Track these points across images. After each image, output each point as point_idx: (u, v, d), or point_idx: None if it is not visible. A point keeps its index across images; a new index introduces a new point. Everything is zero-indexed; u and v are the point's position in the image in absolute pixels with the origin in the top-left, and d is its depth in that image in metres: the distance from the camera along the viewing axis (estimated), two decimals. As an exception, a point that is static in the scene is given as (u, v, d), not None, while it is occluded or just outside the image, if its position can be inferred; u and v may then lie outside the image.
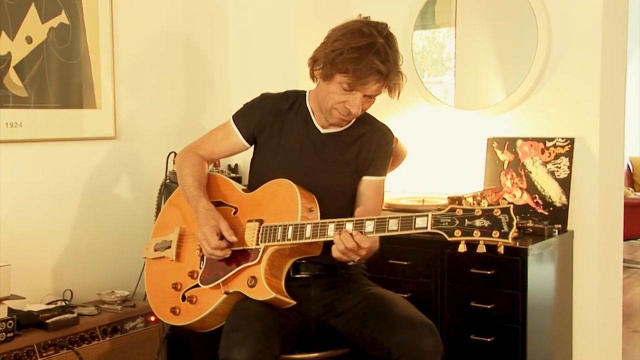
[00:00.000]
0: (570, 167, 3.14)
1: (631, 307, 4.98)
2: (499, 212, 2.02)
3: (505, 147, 3.29)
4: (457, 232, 2.05)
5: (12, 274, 2.57)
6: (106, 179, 3.20)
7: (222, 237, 2.35)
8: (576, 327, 3.26)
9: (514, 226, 2.00)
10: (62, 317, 2.71)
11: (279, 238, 2.31)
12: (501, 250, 2.04)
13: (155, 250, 2.59)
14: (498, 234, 2.00)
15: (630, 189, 7.10)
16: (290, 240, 2.29)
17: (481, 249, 2.03)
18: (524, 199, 3.23)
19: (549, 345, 3.08)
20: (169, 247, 2.55)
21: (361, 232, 2.18)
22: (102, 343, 2.78)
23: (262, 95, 2.59)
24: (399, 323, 2.27)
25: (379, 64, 2.26)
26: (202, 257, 2.46)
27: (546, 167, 3.19)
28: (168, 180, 3.11)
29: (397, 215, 2.16)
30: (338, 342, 2.49)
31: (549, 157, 3.19)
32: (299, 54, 3.45)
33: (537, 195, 3.21)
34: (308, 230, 2.26)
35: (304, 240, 2.28)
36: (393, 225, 2.14)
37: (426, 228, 2.08)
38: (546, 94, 3.26)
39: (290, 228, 2.29)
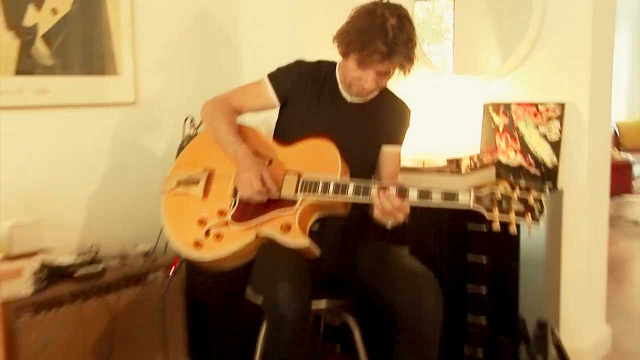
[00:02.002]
0: (561, 130, 3.15)
1: (615, 260, 5.02)
2: (533, 200, 2.10)
3: (501, 111, 3.30)
4: (495, 211, 2.12)
5: (43, 229, 2.59)
6: (127, 142, 3.21)
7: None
8: (564, 278, 3.29)
9: (544, 213, 2.08)
10: (89, 269, 2.73)
11: (319, 192, 2.34)
12: (530, 232, 2.13)
13: (179, 184, 2.58)
14: (530, 218, 2.09)
15: (616, 150, 7.11)
16: (330, 195, 2.32)
17: (513, 229, 2.11)
18: (518, 159, 3.25)
19: (540, 296, 3.09)
20: (196, 183, 2.55)
21: (404, 198, 2.22)
22: (126, 293, 2.79)
23: (297, 61, 2.62)
24: (402, 275, 2.32)
25: (382, 45, 2.27)
26: (233, 198, 2.47)
27: (538, 129, 3.20)
28: (185, 143, 3.12)
29: (440, 188, 2.20)
30: (344, 292, 2.53)
31: (541, 120, 3.20)
32: (305, 22, 3.47)
33: (529, 156, 3.23)
34: (350, 189, 2.30)
35: (344, 199, 2.32)
36: (437, 196, 2.19)
37: (469, 204, 2.16)
38: (539, 62, 3.26)
39: (332, 184, 2.33)
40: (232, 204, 2.46)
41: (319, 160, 2.42)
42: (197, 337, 3.10)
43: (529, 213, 2.08)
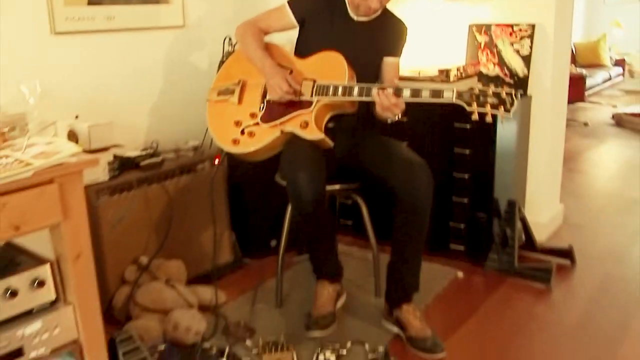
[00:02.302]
0: (531, 47, 3.11)
1: (569, 153, 5.04)
2: (505, 94, 2.07)
3: (483, 30, 3.25)
4: (474, 105, 2.10)
5: (114, 129, 2.61)
6: (178, 58, 3.18)
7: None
8: (530, 167, 3.31)
9: (515, 105, 2.05)
10: (151, 160, 2.76)
11: (330, 94, 2.34)
12: (503, 121, 2.09)
13: (219, 94, 2.60)
14: (503, 109, 2.06)
15: (573, 65, 7.02)
16: (340, 96, 2.32)
17: (489, 118, 2.09)
18: (496, 70, 3.21)
19: (510, 181, 3.12)
20: (232, 93, 2.55)
21: (399, 96, 2.21)
22: (181, 179, 2.83)
23: None
24: (401, 163, 2.34)
25: None
26: (262, 103, 2.48)
27: (513, 46, 3.15)
28: (225, 58, 3.10)
29: (429, 87, 2.19)
30: (354, 177, 2.56)
31: (515, 38, 3.14)
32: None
33: (505, 68, 3.19)
34: (355, 90, 2.30)
35: (351, 98, 2.31)
36: (425, 93, 2.18)
37: (452, 99, 2.13)
38: (515, -11, 3.20)
39: (341, 87, 2.33)
40: (261, 107, 2.48)
41: (330, 69, 2.40)
42: (238, 215, 3.15)
43: (502, 105, 2.06)
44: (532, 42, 3.10)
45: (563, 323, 2.59)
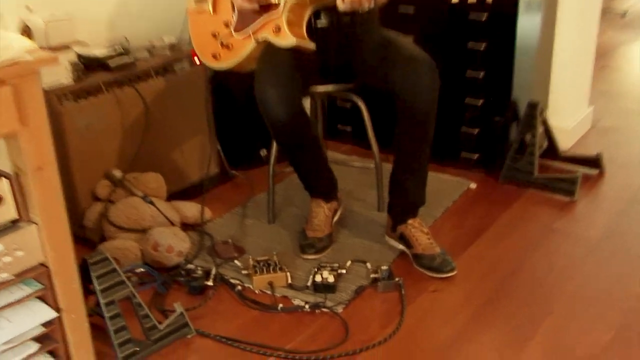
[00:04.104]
0: None
1: (603, 48, 4.97)
2: None
3: None
4: None
5: (75, 24, 2.56)
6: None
7: None
8: (555, 64, 3.25)
9: None
10: (122, 59, 2.70)
11: None
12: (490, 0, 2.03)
13: (196, 2, 2.59)
14: None
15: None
16: None
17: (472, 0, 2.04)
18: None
19: (531, 80, 3.07)
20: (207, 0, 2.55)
21: None
22: (157, 81, 2.80)
23: None
24: (402, 60, 2.30)
25: None
26: (233, 9, 2.47)
27: None
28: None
29: None
30: (353, 77, 2.55)
31: None
32: None
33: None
34: None
35: None
36: None
37: None
38: None
39: None
40: (234, 15, 2.47)
41: None
42: (223, 121, 3.14)
43: None
44: None
45: (586, 238, 2.62)
